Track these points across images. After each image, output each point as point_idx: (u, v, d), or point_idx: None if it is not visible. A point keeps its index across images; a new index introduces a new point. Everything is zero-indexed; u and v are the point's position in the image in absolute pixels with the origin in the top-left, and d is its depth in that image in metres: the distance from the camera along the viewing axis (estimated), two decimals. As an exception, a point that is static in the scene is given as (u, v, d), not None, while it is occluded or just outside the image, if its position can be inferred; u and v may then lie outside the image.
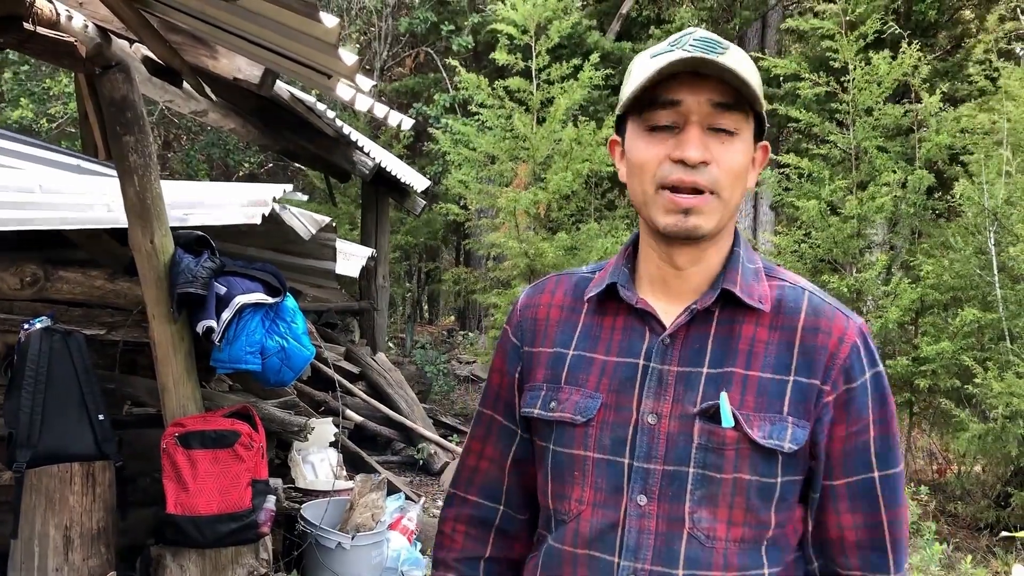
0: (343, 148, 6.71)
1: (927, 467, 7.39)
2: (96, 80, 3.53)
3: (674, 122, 1.19)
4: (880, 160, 6.48)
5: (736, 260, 1.27)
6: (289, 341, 3.79)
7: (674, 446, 1.20)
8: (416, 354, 10.81)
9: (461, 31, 12.51)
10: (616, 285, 1.30)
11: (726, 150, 1.19)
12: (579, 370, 1.29)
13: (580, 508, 1.25)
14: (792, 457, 1.20)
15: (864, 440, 1.23)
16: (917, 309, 6.25)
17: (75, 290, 4.05)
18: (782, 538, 1.25)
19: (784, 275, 1.31)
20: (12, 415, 3.61)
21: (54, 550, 3.51)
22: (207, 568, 3.54)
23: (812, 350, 1.22)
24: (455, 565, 1.43)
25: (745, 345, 1.23)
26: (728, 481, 1.19)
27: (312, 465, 4.84)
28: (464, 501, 1.44)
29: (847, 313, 1.26)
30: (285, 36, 2.28)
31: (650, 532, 1.20)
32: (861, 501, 1.24)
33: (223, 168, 14.58)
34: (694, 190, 1.18)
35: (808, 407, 1.21)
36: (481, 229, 10.44)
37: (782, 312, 1.25)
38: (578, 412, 1.26)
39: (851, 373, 1.22)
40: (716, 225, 1.21)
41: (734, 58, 1.17)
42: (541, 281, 1.44)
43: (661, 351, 1.24)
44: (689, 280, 1.27)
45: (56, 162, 5.76)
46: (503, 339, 1.43)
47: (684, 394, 1.22)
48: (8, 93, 12.03)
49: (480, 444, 1.44)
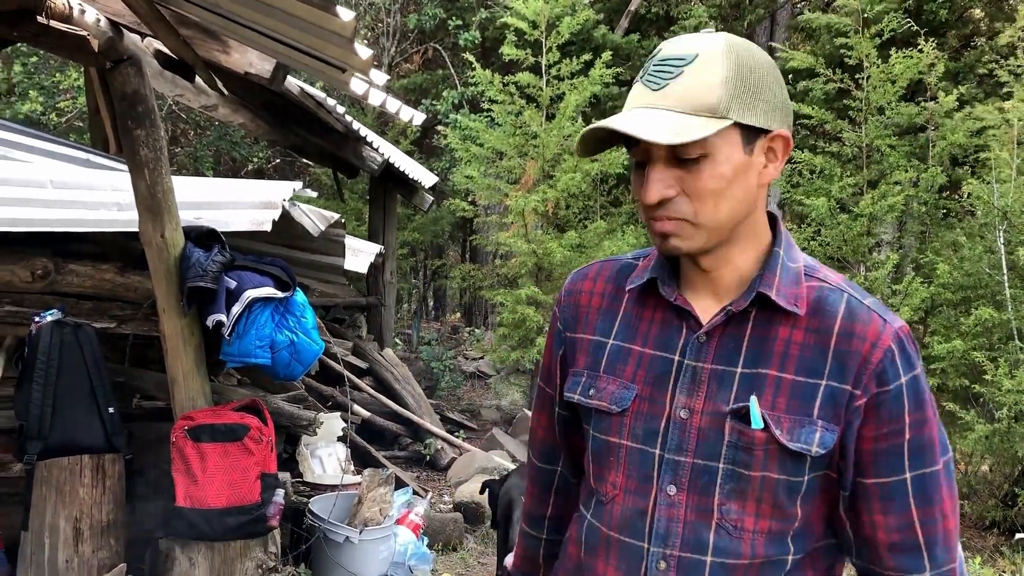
0: (352, 144, 6.71)
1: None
2: (108, 74, 3.53)
3: (643, 158, 1.21)
4: (892, 158, 6.46)
5: (775, 261, 1.27)
6: (298, 335, 3.80)
7: (705, 441, 1.24)
8: (423, 350, 10.82)
9: (469, 27, 12.51)
10: (656, 280, 1.32)
11: (694, 177, 1.18)
12: (617, 360, 1.33)
13: (615, 492, 1.31)
14: (820, 459, 1.22)
15: (897, 443, 1.22)
16: (927, 308, 6.23)
17: (85, 283, 4.06)
18: (809, 528, 1.27)
19: (826, 275, 1.30)
20: (23, 407, 3.62)
21: (64, 542, 3.52)
22: (216, 561, 3.55)
23: (846, 355, 1.22)
24: (527, 520, 1.64)
25: (780, 347, 1.24)
26: (756, 479, 1.22)
27: (320, 459, 4.85)
28: (533, 465, 1.61)
29: (885, 316, 1.25)
30: (300, 30, 2.28)
31: (679, 520, 1.24)
32: (892, 502, 1.24)
33: (230, 163, 14.60)
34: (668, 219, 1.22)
35: (839, 412, 1.21)
36: (489, 226, 10.44)
37: (819, 315, 1.25)
38: (614, 402, 1.31)
39: (884, 377, 1.21)
40: (702, 244, 1.23)
41: (684, 86, 1.16)
42: (586, 266, 1.48)
43: (696, 348, 1.27)
44: (720, 281, 1.28)
45: (66, 156, 5.77)
46: (552, 321, 1.50)
47: (717, 392, 1.24)
48: (18, 86, 12.05)
49: (539, 412, 1.57)
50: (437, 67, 14.41)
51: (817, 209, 6.28)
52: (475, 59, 9.23)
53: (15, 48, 11.42)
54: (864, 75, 6.64)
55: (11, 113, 11.23)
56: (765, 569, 1.24)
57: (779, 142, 1.23)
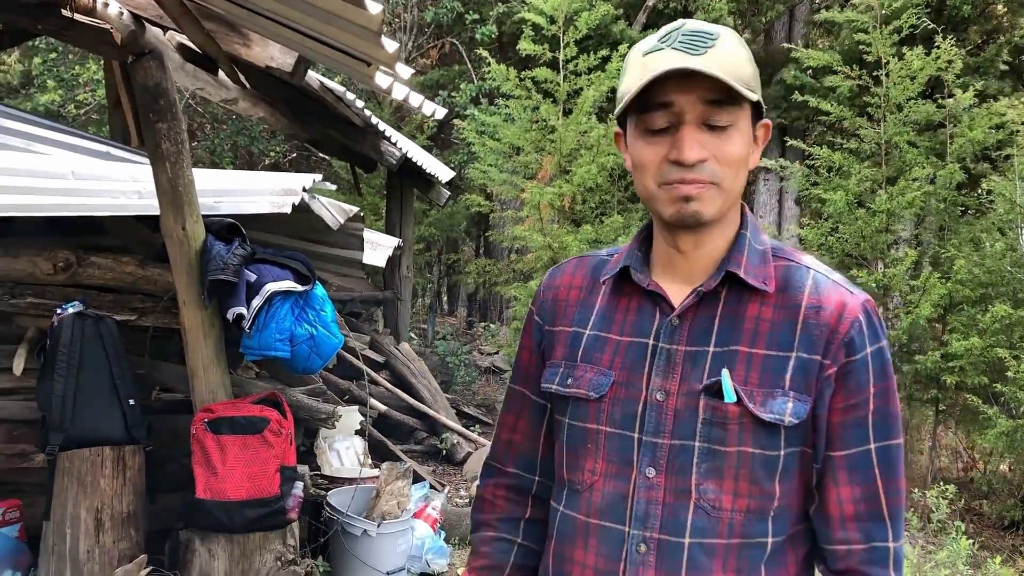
0: (371, 138, 6.71)
1: (952, 465, 7.33)
2: (130, 67, 3.55)
3: (669, 123, 1.23)
4: (911, 155, 6.41)
5: (743, 242, 1.31)
6: (318, 329, 3.81)
7: (681, 421, 1.26)
8: (438, 345, 10.83)
9: (486, 21, 12.49)
10: (629, 268, 1.36)
11: (723, 143, 1.22)
12: (594, 349, 1.35)
13: (593, 479, 1.32)
14: (794, 430, 1.24)
15: (863, 413, 1.26)
16: (945, 305, 6.19)
17: (106, 276, 4.09)
18: (788, 509, 1.28)
19: (792, 255, 1.35)
20: (45, 399, 3.65)
21: (86, 532, 3.55)
22: (235, 553, 3.57)
23: (814, 327, 1.25)
24: (496, 524, 1.52)
25: (750, 324, 1.27)
26: (732, 454, 1.24)
27: (338, 453, 4.86)
28: (503, 472, 1.53)
29: (850, 288, 1.30)
30: (326, 22, 2.28)
31: (658, 502, 1.26)
32: (859, 473, 1.27)
33: (247, 157, 14.65)
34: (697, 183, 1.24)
35: (810, 382, 1.24)
36: (505, 221, 10.43)
37: (787, 291, 1.29)
38: (592, 388, 1.32)
39: (852, 347, 1.25)
40: (718, 212, 1.26)
41: (722, 52, 1.20)
42: (562, 263, 1.51)
43: (670, 331, 1.30)
44: (696, 263, 1.32)
45: (85, 148, 5.80)
46: (529, 319, 1.51)
47: (691, 372, 1.27)
48: (37, 78, 12.13)
49: (514, 419, 1.52)
50: (453, 62, 14.40)
51: (835, 203, 6.24)
52: (492, 54, 9.22)
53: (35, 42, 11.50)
54: (883, 72, 6.59)
55: (31, 105, 11.29)
56: (745, 550, 1.25)
57: (762, 131, 1.31)
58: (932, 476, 6.40)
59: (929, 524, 5.50)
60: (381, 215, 10.52)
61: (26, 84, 13.01)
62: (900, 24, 6.62)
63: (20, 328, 4.08)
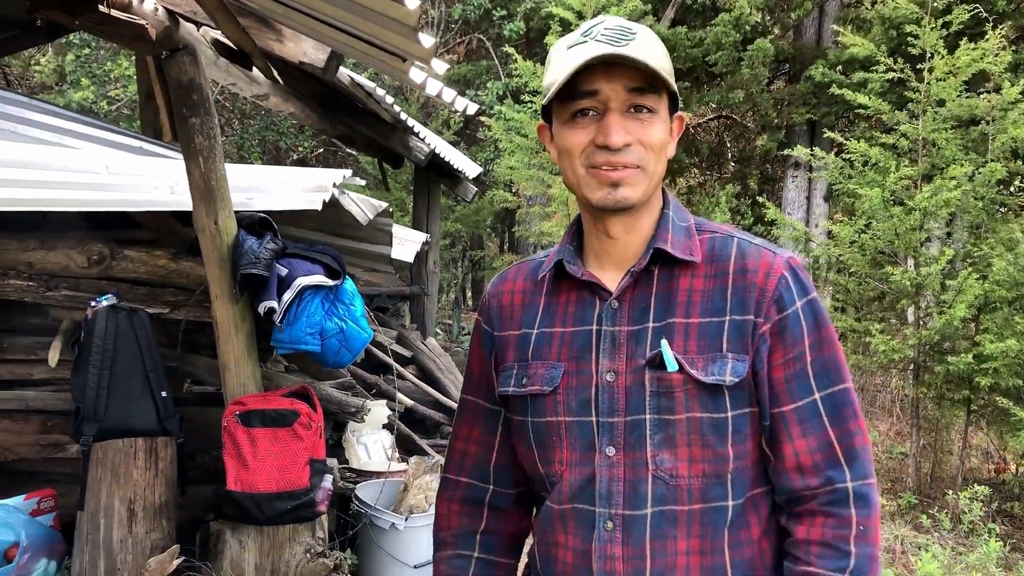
0: (400, 134, 6.73)
1: (983, 466, 7.25)
2: (164, 63, 3.58)
3: (595, 109, 1.29)
4: (949, 151, 6.32)
5: (666, 220, 1.37)
6: (348, 323, 3.83)
7: (631, 397, 1.31)
8: (464, 340, 10.84)
9: (513, 17, 12.48)
10: (563, 262, 1.40)
11: (645, 129, 1.29)
12: (543, 345, 1.40)
13: (562, 468, 1.37)
14: (736, 390, 1.29)
15: (802, 366, 1.31)
16: (979, 306, 6.10)
17: (139, 269, 4.13)
18: (745, 471, 1.33)
19: (715, 227, 1.40)
20: (79, 390, 3.70)
21: (119, 522, 3.59)
22: (265, 545, 3.60)
23: (743, 289, 1.31)
24: (452, 540, 1.54)
25: (683, 296, 1.33)
26: (682, 421, 1.29)
27: (366, 446, 4.88)
28: (456, 484, 1.56)
29: (774, 250, 1.36)
30: (362, 17, 2.29)
31: (619, 479, 1.31)
32: (810, 424, 1.31)
33: (274, 152, 14.74)
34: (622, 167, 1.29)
35: (745, 341, 1.30)
36: (531, 217, 10.42)
37: (714, 260, 1.35)
38: (545, 383, 1.37)
39: (782, 303, 1.31)
40: (643, 195, 1.32)
41: (642, 45, 1.26)
42: (504, 271, 1.56)
43: (610, 315, 1.35)
44: (627, 247, 1.37)
45: (118, 143, 5.86)
46: (476, 328, 1.55)
47: (635, 349, 1.32)
48: (70, 75, 12.27)
49: (468, 428, 1.55)
50: (480, 58, 14.41)
51: (871, 200, 6.16)
52: (519, 49, 9.23)
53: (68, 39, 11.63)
54: (926, 66, 6.50)
55: (64, 101, 11.43)
56: (707, 515, 1.30)
57: (678, 123, 1.38)
58: (963, 477, 6.32)
59: (960, 525, 5.44)
60: (407, 210, 10.56)
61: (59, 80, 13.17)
62: (951, 18, 6.52)
63: (55, 320, 4.14)
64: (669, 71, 1.30)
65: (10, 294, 4.01)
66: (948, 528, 5.55)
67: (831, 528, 1.30)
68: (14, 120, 5.45)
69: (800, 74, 10.63)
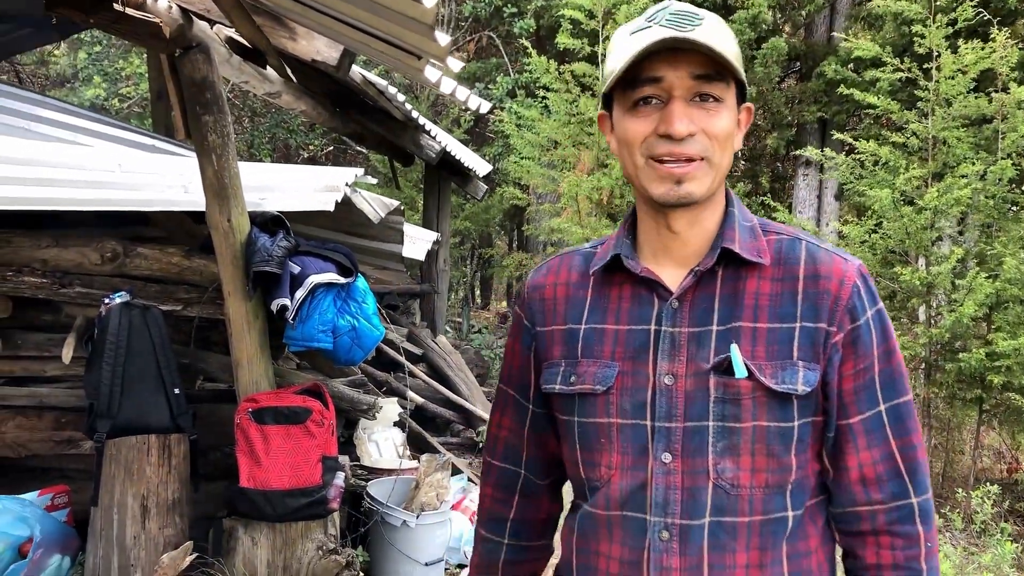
0: (411, 132, 6.74)
1: (995, 465, 7.22)
2: (177, 61, 3.59)
3: (658, 97, 1.23)
4: (959, 150, 6.29)
5: (732, 219, 1.31)
6: (360, 321, 3.84)
7: (692, 403, 1.25)
8: (474, 338, 10.85)
9: (524, 15, 12.47)
10: (620, 256, 1.34)
11: (711, 118, 1.23)
12: (593, 342, 1.34)
13: (610, 473, 1.31)
14: (806, 399, 1.25)
15: (870, 376, 1.27)
16: (991, 304, 6.07)
17: (152, 266, 4.15)
18: (805, 481, 1.29)
19: (779, 228, 1.35)
20: (93, 387, 3.71)
21: (132, 518, 3.61)
22: (278, 541, 3.61)
23: (815, 295, 1.26)
24: (485, 524, 1.57)
25: (750, 299, 1.27)
26: (747, 430, 1.24)
27: (377, 444, 4.90)
28: (491, 467, 1.57)
29: (844, 256, 1.31)
30: (377, 15, 2.29)
31: (676, 487, 1.25)
32: (875, 436, 1.27)
33: (284, 150, 14.77)
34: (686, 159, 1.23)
35: (817, 350, 1.25)
36: (541, 214, 10.42)
37: (782, 263, 1.29)
38: (597, 382, 1.31)
39: (855, 312, 1.26)
40: (708, 190, 1.26)
41: (709, 30, 1.20)
42: (546, 262, 1.50)
43: (671, 314, 1.29)
44: (688, 244, 1.31)
45: (130, 141, 5.89)
46: (516, 321, 1.50)
47: (697, 352, 1.26)
48: (82, 71, 12.32)
49: (499, 414, 1.55)
50: (490, 56, 14.41)
51: (881, 200, 6.15)
52: (529, 45, 9.21)
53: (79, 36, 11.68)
54: (933, 65, 6.47)
55: (76, 99, 11.47)
56: (767, 527, 1.25)
57: (745, 114, 1.32)
58: (974, 476, 6.30)
59: (972, 525, 5.42)
60: (417, 209, 10.57)
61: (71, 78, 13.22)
62: (955, 16, 6.49)
63: (69, 317, 4.16)
64: (737, 58, 1.24)
65: (24, 291, 4.03)
66: (960, 528, 5.53)
67: (901, 550, 1.28)
68: (27, 117, 5.49)
69: (811, 72, 10.59)
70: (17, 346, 4.18)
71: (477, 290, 19.33)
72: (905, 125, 6.57)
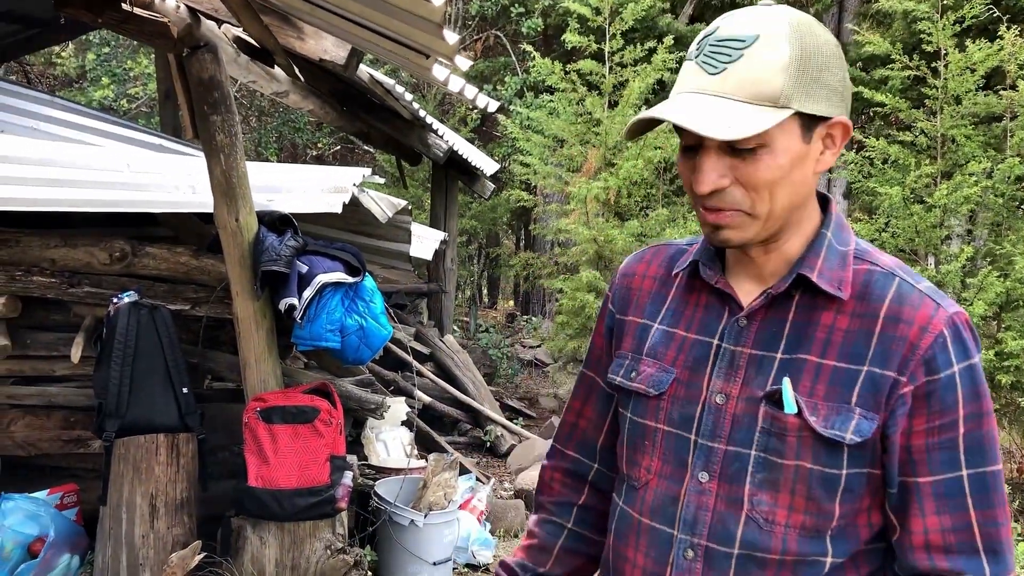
0: (418, 131, 6.74)
1: (1004, 466, 7.18)
2: (185, 60, 3.60)
3: (695, 143, 1.15)
4: (968, 148, 6.26)
5: (821, 243, 1.22)
6: (368, 320, 3.84)
7: (738, 427, 1.20)
8: (481, 337, 10.85)
9: (531, 13, 12.46)
10: (698, 263, 1.30)
11: (750, 167, 1.12)
12: (660, 344, 1.31)
13: (648, 477, 1.28)
14: (858, 449, 1.15)
15: (951, 436, 1.15)
16: (1001, 303, 6.05)
17: (161, 266, 4.15)
18: (851, 529, 1.20)
19: (878, 259, 1.23)
20: (101, 386, 3.72)
21: (140, 517, 3.61)
22: (286, 541, 3.61)
23: (891, 340, 1.15)
24: (550, 507, 1.52)
25: (822, 333, 1.19)
26: (790, 467, 1.17)
27: (384, 443, 4.90)
28: (563, 455, 1.52)
29: (939, 300, 1.18)
30: (386, 14, 2.29)
31: (707, 509, 1.21)
32: (949, 501, 1.16)
33: (291, 150, 14.80)
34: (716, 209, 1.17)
35: (879, 399, 1.15)
36: (549, 214, 10.41)
37: (866, 299, 1.19)
38: (652, 385, 1.29)
39: (933, 364, 1.14)
40: (753, 236, 1.18)
41: (743, 70, 1.10)
42: (642, 250, 1.45)
43: (736, 332, 1.23)
44: (767, 264, 1.24)
45: (138, 140, 5.91)
46: (604, 304, 1.46)
47: (754, 377, 1.20)
48: (90, 73, 12.36)
49: (580, 403, 1.50)
50: (497, 55, 14.41)
51: (891, 199, 6.12)
52: (536, 46, 9.22)
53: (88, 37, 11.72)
54: (942, 63, 6.44)
55: (84, 99, 11.51)
56: (799, 568, 1.19)
57: (838, 129, 1.18)
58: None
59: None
60: (424, 208, 10.58)
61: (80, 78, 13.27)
62: (963, 14, 6.46)
63: (77, 317, 4.17)
64: (779, 90, 1.10)
65: (33, 291, 4.04)
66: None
67: None
68: (36, 117, 5.51)
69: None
70: (26, 345, 4.19)
71: (484, 289, 19.34)
72: (914, 124, 6.55)
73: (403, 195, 10.54)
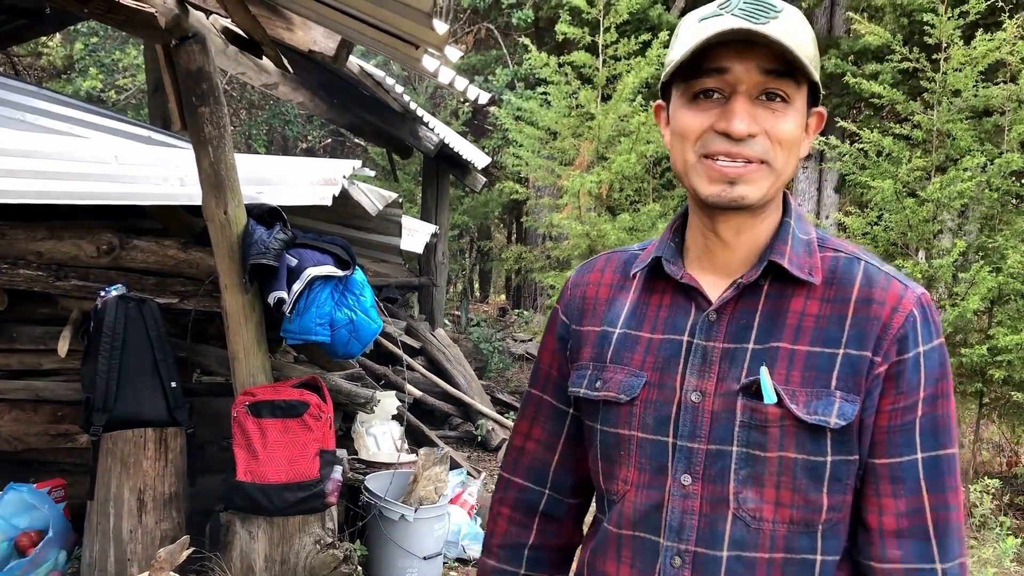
0: (409, 123, 6.71)
1: (994, 459, 7.21)
2: (173, 51, 3.56)
3: (720, 90, 1.14)
4: (963, 142, 6.25)
5: (786, 231, 1.21)
6: (357, 314, 3.81)
7: (718, 424, 1.17)
8: (473, 331, 10.84)
9: (522, 5, 12.42)
10: (661, 260, 1.26)
11: (777, 119, 1.13)
12: (624, 348, 1.26)
13: (626, 489, 1.23)
14: (842, 434, 1.14)
15: (911, 418, 1.16)
16: (993, 298, 6.05)
17: (149, 259, 4.12)
18: (841, 524, 1.18)
19: (840, 245, 1.24)
20: (89, 380, 3.69)
21: (128, 512, 3.58)
22: (275, 535, 3.59)
23: (865, 321, 1.15)
24: (497, 551, 1.42)
25: (794, 319, 1.17)
26: (773, 460, 1.14)
27: (375, 437, 4.87)
28: (510, 484, 1.42)
29: (905, 282, 1.19)
30: (374, 3, 2.25)
31: (694, 513, 1.17)
32: (904, 485, 1.16)
33: (282, 142, 14.74)
34: (743, 160, 1.14)
35: (859, 381, 1.14)
36: (541, 208, 10.39)
37: (835, 284, 1.19)
38: (622, 391, 1.23)
39: (904, 344, 1.15)
40: (763, 195, 1.16)
41: (786, 24, 1.11)
42: (592, 259, 1.41)
43: (706, 327, 1.20)
44: (736, 253, 1.22)
45: (127, 132, 5.85)
46: (553, 318, 1.40)
47: (729, 371, 1.17)
48: (78, 63, 12.27)
49: (528, 425, 1.42)
50: (489, 47, 14.36)
51: (883, 192, 6.11)
52: (529, 38, 9.16)
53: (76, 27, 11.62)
54: (942, 56, 6.42)
55: (72, 90, 11.43)
56: (790, 567, 1.16)
57: (816, 118, 1.22)
58: (974, 470, 6.29)
59: (971, 519, 5.41)
60: (416, 201, 10.55)
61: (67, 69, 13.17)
62: (968, 7, 6.43)
63: (65, 310, 4.13)
64: (813, 58, 1.14)
65: (19, 284, 4.00)
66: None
67: None
68: (23, 109, 5.45)
69: (811, 64, 10.55)
70: (13, 339, 4.15)
71: (476, 283, 19.33)
72: (910, 116, 6.53)
73: (394, 188, 10.48)
